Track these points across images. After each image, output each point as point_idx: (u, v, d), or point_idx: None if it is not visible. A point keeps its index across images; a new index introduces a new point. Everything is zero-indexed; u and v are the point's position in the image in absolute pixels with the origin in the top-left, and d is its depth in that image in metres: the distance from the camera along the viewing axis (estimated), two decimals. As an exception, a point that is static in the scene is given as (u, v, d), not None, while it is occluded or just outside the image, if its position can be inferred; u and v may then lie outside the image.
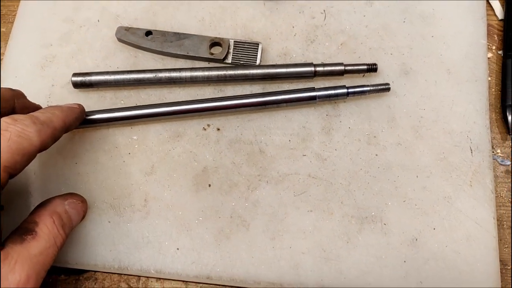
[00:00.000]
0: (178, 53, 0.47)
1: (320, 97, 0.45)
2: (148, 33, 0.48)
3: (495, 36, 0.50)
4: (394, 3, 0.49)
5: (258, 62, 0.47)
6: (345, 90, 0.44)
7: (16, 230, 0.35)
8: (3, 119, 0.34)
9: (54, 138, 0.36)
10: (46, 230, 0.35)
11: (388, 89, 0.45)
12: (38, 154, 0.34)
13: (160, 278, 0.43)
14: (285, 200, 0.44)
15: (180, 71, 0.46)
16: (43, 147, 0.35)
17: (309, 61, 0.48)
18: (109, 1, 0.51)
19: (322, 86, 0.46)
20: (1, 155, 0.31)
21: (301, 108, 0.46)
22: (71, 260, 0.43)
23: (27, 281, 0.32)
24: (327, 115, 0.46)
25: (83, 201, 0.42)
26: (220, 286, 0.43)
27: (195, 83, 0.46)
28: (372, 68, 0.46)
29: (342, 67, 0.45)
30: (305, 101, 0.45)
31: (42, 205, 0.38)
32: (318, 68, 0.45)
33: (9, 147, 0.32)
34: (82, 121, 0.43)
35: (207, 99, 0.45)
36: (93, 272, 0.43)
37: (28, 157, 0.34)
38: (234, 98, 0.45)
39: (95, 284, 0.43)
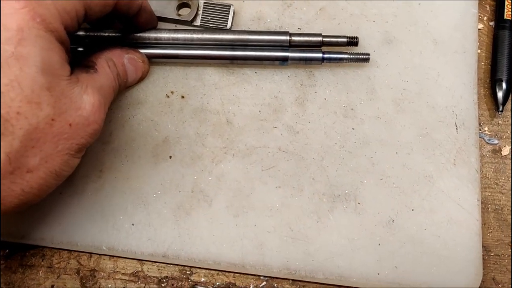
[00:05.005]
0: (143, 14, 0.43)
1: (292, 58, 0.41)
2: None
3: (487, 6, 0.46)
4: (379, -33, 0.46)
5: (229, 25, 0.43)
6: (320, 55, 0.41)
7: (76, 66, 0.34)
8: None
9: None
10: (104, 70, 0.35)
11: (367, 60, 0.41)
12: None
13: (113, 256, 0.40)
14: (252, 175, 0.40)
15: (144, 32, 0.42)
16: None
17: (284, 27, 0.44)
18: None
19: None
20: None
21: (273, 76, 0.42)
22: (16, 234, 0.39)
23: (99, 106, 0.32)
24: (301, 84, 0.42)
25: (145, 61, 0.41)
26: (178, 266, 0.39)
27: (160, 45, 0.42)
28: (352, 42, 0.41)
29: (319, 38, 0.41)
30: (276, 60, 0.41)
31: (100, 49, 0.37)
32: (294, 38, 0.41)
33: None
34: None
35: (168, 45, 0.42)
36: (40, 248, 0.40)
37: (103, 6, 0.33)
38: (200, 48, 0.42)
39: (42, 261, 0.40)
